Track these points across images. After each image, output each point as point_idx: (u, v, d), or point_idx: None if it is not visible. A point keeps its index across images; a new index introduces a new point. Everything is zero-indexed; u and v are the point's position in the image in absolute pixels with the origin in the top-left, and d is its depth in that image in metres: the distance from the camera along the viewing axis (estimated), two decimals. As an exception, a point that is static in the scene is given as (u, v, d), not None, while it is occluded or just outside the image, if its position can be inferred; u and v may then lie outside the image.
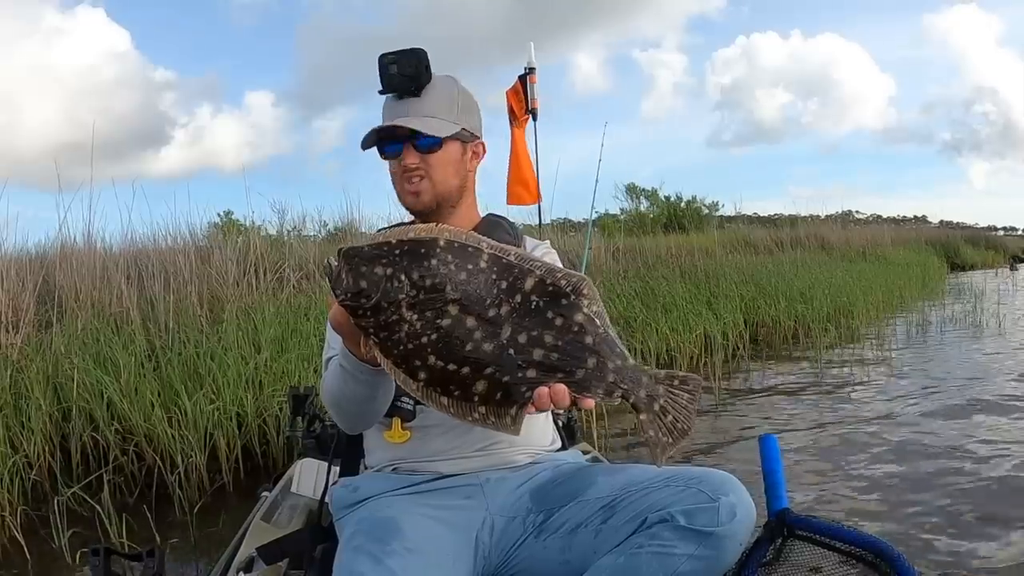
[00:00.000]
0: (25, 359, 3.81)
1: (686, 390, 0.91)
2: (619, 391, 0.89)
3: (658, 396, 0.90)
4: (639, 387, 0.89)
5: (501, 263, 0.88)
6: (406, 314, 0.87)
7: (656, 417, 0.90)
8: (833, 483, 3.23)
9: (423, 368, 0.89)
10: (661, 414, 0.90)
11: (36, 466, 3.19)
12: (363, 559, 1.07)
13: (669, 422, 0.90)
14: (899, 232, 20.06)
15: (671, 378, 0.91)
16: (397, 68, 1.29)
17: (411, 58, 1.28)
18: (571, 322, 0.88)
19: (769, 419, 4.43)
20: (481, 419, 0.90)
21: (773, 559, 1.16)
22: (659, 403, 0.90)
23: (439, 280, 0.87)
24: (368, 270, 0.88)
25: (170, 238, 6.10)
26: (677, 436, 0.91)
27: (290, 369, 3.81)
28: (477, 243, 0.89)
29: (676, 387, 0.91)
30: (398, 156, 1.30)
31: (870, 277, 10.41)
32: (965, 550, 2.51)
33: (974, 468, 3.34)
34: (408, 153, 1.29)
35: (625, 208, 19.20)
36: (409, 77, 1.28)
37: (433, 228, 0.89)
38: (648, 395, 0.90)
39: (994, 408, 4.44)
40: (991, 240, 28.50)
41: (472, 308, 0.87)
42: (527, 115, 2.79)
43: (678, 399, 0.91)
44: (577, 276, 0.90)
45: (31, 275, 4.63)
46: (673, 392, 0.91)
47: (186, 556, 2.69)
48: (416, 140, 1.29)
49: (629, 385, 0.89)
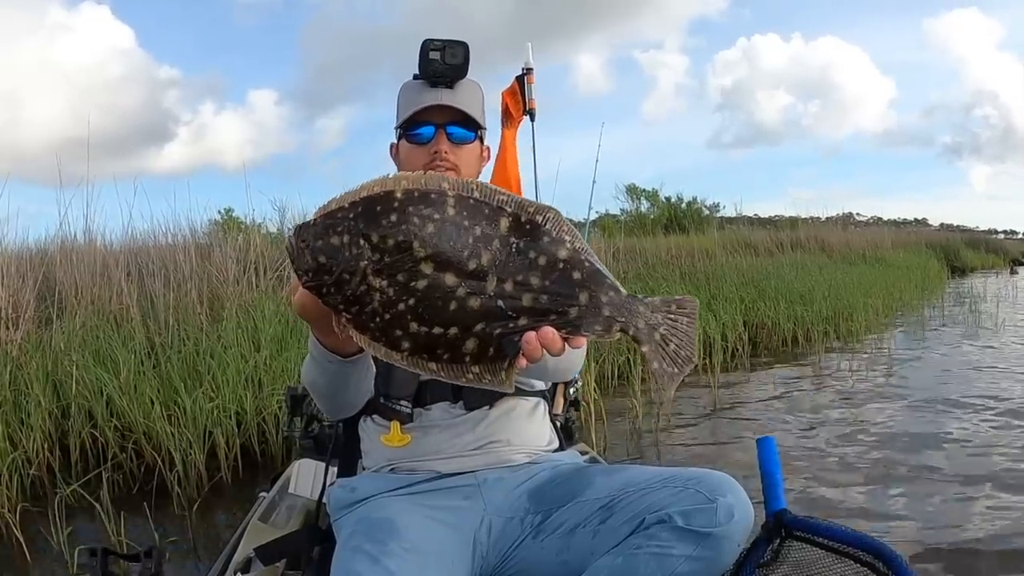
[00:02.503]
0: (25, 356, 3.81)
1: (684, 314, 0.86)
2: (617, 324, 0.83)
3: (658, 325, 0.84)
4: (637, 317, 0.83)
5: (469, 204, 0.79)
6: (375, 282, 0.79)
7: (659, 347, 0.84)
8: (832, 484, 3.23)
9: (405, 337, 0.81)
10: (663, 343, 0.84)
11: (35, 463, 3.19)
12: (361, 559, 1.07)
13: (672, 351, 0.85)
14: (899, 235, 20.05)
15: (668, 304, 0.85)
16: (442, 56, 1.28)
17: (458, 48, 1.28)
18: (556, 259, 0.80)
19: (768, 420, 4.42)
20: (476, 379, 0.83)
21: (771, 560, 1.16)
22: (660, 332, 0.84)
23: (404, 237, 0.78)
24: (324, 243, 0.79)
25: (170, 235, 6.11)
26: (682, 364, 0.86)
27: (289, 368, 3.81)
28: (439, 185, 0.79)
29: (674, 312, 0.85)
30: (428, 141, 1.30)
31: (870, 280, 10.41)
32: (965, 550, 2.51)
33: (974, 469, 3.34)
34: (441, 140, 1.29)
35: (625, 209, 19.23)
36: (453, 67, 1.28)
37: (386, 180, 0.79)
38: (648, 325, 0.84)
39: (995, 411, 4.44)
40: (991, 243, 28.51)
41: (449, 263, 0.78)
42: (524, 115, 2.79)
43: (678, 325, 0.85)
44: (549, 208, 0.82)
45: (31, 271, 4.64)
46: (672, 318, 0.85)
47: (184, 554, 2.69)
48: (450, 130, 1.29)
49: (627, 317, 0.83)
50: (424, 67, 1.27)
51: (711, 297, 7.31)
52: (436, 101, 1.27)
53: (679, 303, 0.86)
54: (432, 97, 1.28)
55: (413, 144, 1.31)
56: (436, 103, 1.27)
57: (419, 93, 1.29)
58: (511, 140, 2.85)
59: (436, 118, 1.28)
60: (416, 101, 1.29)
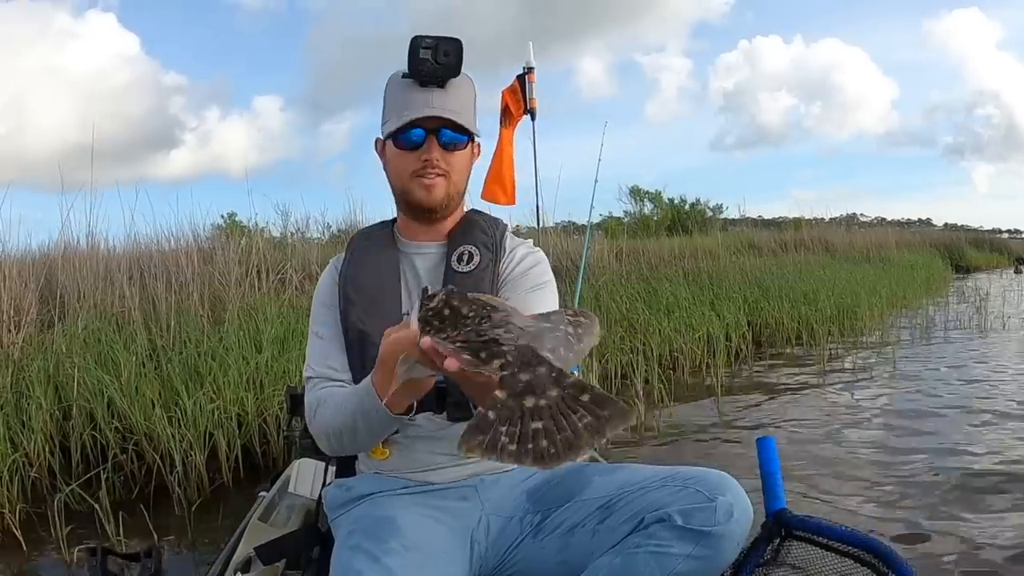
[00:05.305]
0: (27, 358, 3.82)
1: (593, 412, 0.68)
2: (498, 361, 0.72)
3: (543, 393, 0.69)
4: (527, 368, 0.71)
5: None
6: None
7: (516, 411, 0.68)
8: (832, 484, 3.22)
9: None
10: (529, 414, 0.68)
11: (36, 464, 3.19)
12: (361, 558, 1.06)
13: (529, 431, 0.67)
14: (903, 235, 20.04)
15: (583, 389, 0.69)
16: (433, 54, 1.20)
17: (450, 46, 1.20)
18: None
19: (771, 420, 4.41)
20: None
21: (771, 559, 1.15)
22: (537, 401, 0.69)
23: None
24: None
25: (173, 240, 6.13)
26: (525, 455, 0.66)
27: (290, 369, 3.81)
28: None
29: (582, 402, 0.69)
30: (418, 148, 1.24)
31: (874, 279, 10.38)
32: (965, 551, 2.50)
33: (975, 470, 3.33)
34: (432, 147, 1.23)
35: (629, 211, 19.23)
36: (444, 66, 1.20)
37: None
38: (529, 383, 0.70)
39: (997, 410, 4.42)
40: (995, 242, 28.46)
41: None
42: (525, 114, 2.79)
43: (571, 416, 0.68)
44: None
45: (33, 275, 4.65)
46: (570, 404, 0.68)
47: (184, 555, 2.69)
48: (441, 135, 1.23)
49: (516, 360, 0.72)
50: (414, 66, 1.20)
51: (715, 297, 7.30)
52: (427, 105, 1.21)
53: (599, 401, 0.70)
54: (423, 100, 1.21)
55: (402, 150, 1.25)
56: (428, 113, 1.21)
57: (408, 94, 1.23)
58: (508, 140, 2.85)
59: (427, 122, 1.22)
60: (405, 103, 1.23)
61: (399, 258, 1.33)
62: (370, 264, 1.32)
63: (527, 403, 0.68)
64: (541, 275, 1.31)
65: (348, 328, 1.26)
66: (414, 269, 1.32)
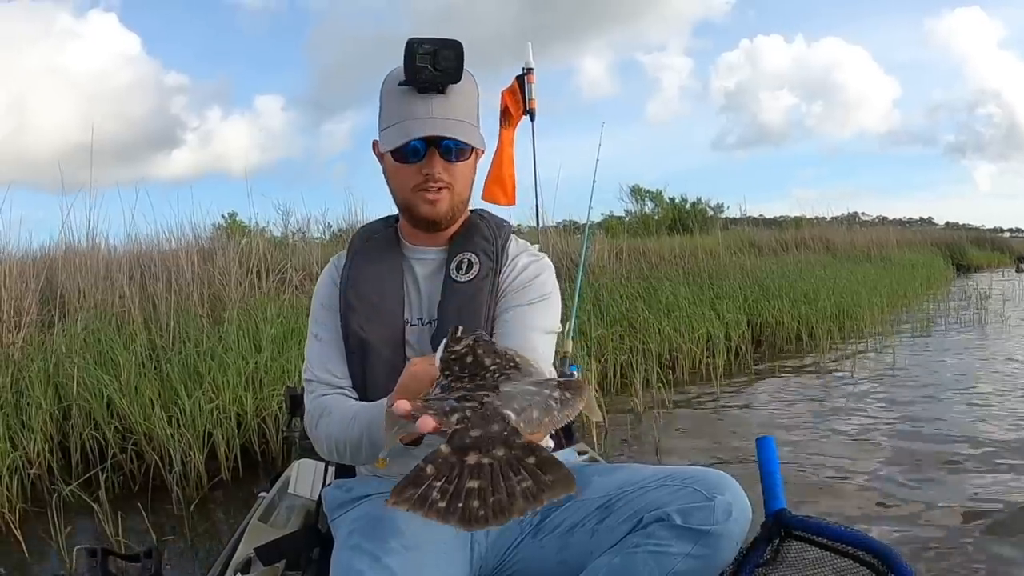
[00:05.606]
0: (27, 358, 3.82)
1: (535, 475, 0.64)
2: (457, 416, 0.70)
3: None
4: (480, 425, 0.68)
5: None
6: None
7: (455, 468, 0.65)
8: (832, 484, 3.22)
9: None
10: (468, 472, 0.65)
11: (35, 464, 3.19)
12: (361, 558, 1.06)
13: (463, 489, 0.63)
14: (905, 234, 20.02)
15: (531, 452, 0.66)
16: (431, 60, 1.12)
17: (449, 52, 1.12)
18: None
19: (770, 420, 4.41)
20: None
21: (770, 559, 1.15)
22: (480, 459, 0.66)
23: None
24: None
25: (173, 239, 6.14)
26: (452, 514, 0.62)
27: (290, 369, 3.81)
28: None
29: (526, 464, 0.65)
30: (419, 161, 1.17)
31: (875, 279, 10.38)
32: (965, 551, 2.50)
33: (975, 470, 3.32)
34: (433, 161, 1.17)
35: (630, 210, 19.23)
36: (444, 72, 1.12)
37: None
38: (476, 439, 0.67)
39: (997, 410, 4.42)
40: (997, 241, 28.44)
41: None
42: (525, 115, 2.78)
43: (511, 478, 0.64)
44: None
45: (34, 275, 4.66)
46: (514, 465, 0.65)
47: (183, 554, 2.69)
48: (442, 146, 1.16)
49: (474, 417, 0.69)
50: (412, 73, 1.12)
51: (715, 296, 7.29)
52: (428, 115, 1.14)
53: (552, 474, 0.68)
54: (423, 109, 1.14)
55: (402, 163, 1.19)
56: (429, 131, 1.14)
57: (407, 103, 1.15)
58: (508, 141, 2.84)
59: (429, 135, 1.15)
60: (405, 111, 1.15)
61: (402, 263, 1.30)
62: (372, 269, 1.28)
63: (469, 460, 0.65)
64: (542, 286, 1.27)
65: (349, 334, 1.24)
66: (414, 275, 1.29)
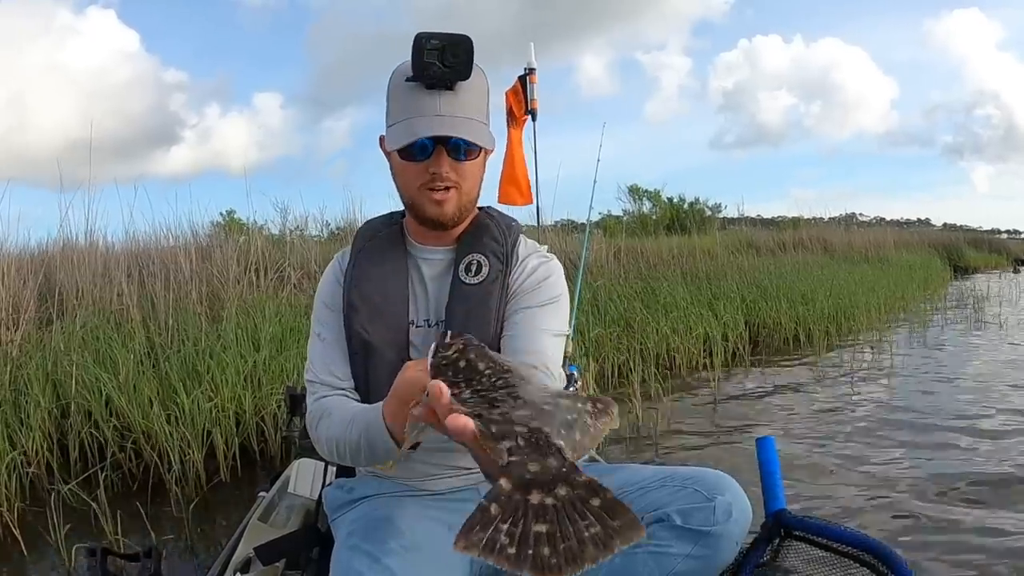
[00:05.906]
0: (25, 356, 3.81)
1: (603, 521, 0.59)
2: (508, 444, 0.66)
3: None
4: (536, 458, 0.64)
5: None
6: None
7: (520, 508, 0.60)
8: (831, 484, 3.22)
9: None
10: (533, 513, 0.60)
11: (34, 462, 3.19)
12: (361, 558, 1.06)
13: (530, 533, 0.58)
14: (902, 235, 20.03)
15: (595, 492, 0.61)
16: (440, 56, 1.09)
17: (459, 48, 1.09)
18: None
19: (768, 420, 4.41)
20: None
21: (771, 559, 1.16)
22: (543, 498, 0.61)
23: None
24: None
25: (172, 237, 6.13)
26: (524, 561, 0.57)
27: (288, 367, 3.81)
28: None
29: (591, 507, 0.60)
30: (426, 159, 1.15)
31: (872, 279, 10.39)
32: (964, 551, 2.50)
33: (974, 469, 3.33)
34: (441, 160, 1.15)
35: (628, 210, 19.23)
36: (452, 69, 1.10)
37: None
38: (536, 475, 0.62)
39: (995, 410, 4.42)
40: (994, 243, 28.43)
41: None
42: (526, 115, 2.79)
43: (578, 522, 0.60)
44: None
45: (32, 273, 4.65)
46: (579, 508, 0.60)
47: (182, 553, 2.68)
48: (450, 144, 1.14)
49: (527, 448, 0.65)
50: (420, 69, 1.10)
51: (712, 297, 7.30)
52: (435, 113, 1.11)
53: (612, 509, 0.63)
54: (431, 106, 1.12)
55: (408, 161, 1.17)
56: (437, 131, 1.11)
57: (415, 98, 1.13)
58: (518, 140, 2.85)
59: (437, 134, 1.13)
60: (412, 108, 1.13)
61: (407, 263, 1.28)
62: (376, 268, 1.26)
63: (532, 499, 0.61)
64: (552, 288, 1.25)
65: (352, 336, 1.23)
66: (420, 275, 1.27)
